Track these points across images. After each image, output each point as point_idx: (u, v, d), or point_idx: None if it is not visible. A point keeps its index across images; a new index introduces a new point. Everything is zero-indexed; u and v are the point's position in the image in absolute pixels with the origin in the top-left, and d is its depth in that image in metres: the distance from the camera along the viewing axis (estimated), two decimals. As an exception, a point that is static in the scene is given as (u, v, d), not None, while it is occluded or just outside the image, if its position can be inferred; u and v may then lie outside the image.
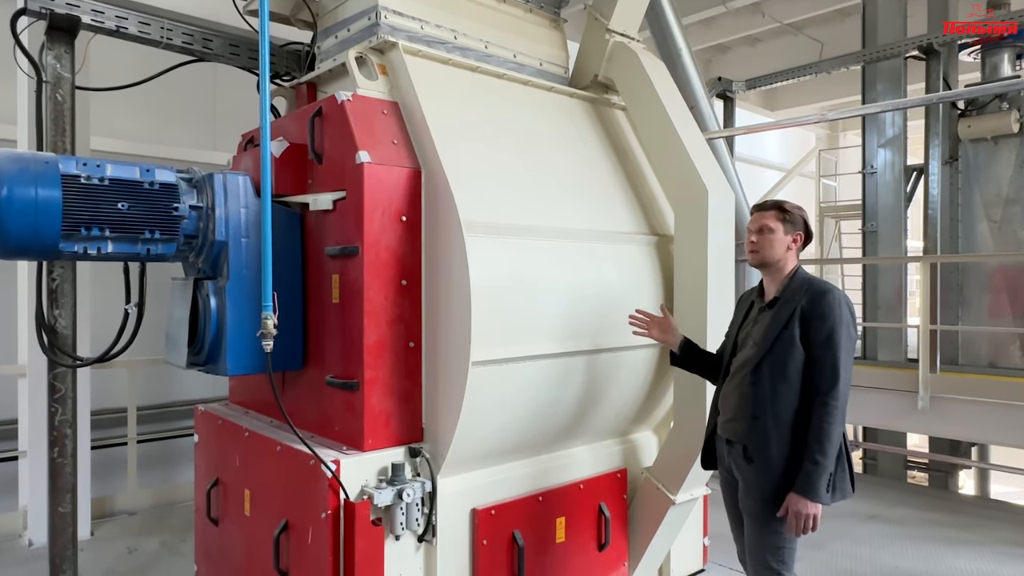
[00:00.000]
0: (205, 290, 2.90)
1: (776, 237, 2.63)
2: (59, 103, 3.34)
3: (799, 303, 2.54)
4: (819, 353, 2.47)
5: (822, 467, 2.40)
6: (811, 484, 2.41)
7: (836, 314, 2.48)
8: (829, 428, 2.41)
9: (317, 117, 2.99)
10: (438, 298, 2.87)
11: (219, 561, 3.48)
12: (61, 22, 3.26)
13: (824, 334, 2.47)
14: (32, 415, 4.65)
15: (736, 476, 2.67)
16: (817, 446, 2.41)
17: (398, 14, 3.23)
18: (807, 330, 2.50)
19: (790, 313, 2.54)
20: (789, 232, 2.66)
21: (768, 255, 2.65)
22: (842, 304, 2.51)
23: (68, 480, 3.43)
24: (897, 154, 7.11)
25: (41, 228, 2.50)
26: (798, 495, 2.43)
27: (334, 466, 2.61)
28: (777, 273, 2.67)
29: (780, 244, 2.64)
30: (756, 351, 2.58)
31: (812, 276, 2.67)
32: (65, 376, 3.42)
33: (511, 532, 3.05)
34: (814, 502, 2.41)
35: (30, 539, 4.66)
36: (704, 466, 2.89)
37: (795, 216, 2.67)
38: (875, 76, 7.10)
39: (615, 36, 3.80)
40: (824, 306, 2.49)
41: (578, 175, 3.47)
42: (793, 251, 2.67)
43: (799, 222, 2.68)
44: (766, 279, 2.72)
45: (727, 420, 2.69)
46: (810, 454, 2.42)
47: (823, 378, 2.45)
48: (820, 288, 2.56)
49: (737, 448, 2.62)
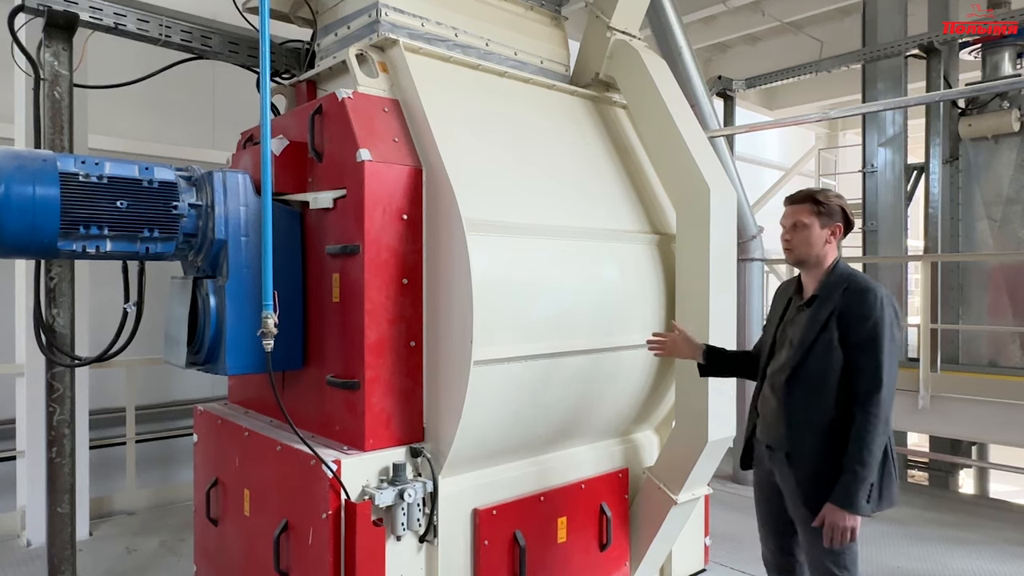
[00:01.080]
0: (204, 289, 2.88)
1: (812, 233, 2.47)
2: (57, 101, 3.32)
3: (838, 302, 2.38)
4: (859, 356, 2.32)
5: (861, 478, 2.27)
6: (849, 495, 2.27)
7: (878, 313, 2.32)
8: (869, 437, 2.27)
9: (317, 115, 2.97)
10: (439, 297, 2.85)
11: (218, 561, 3.46)
12: (59, 19, 3.23)
13: (864, 336, 2.32)
14: (30, 414, 4.63)
15: (779, 482, 2.55)
16: (857, 456, 2.27)
17: (399, 11, 3.21)
18: (846, 331, 2.35)
19: (828, 314, 2.38)
20: (826, 225, 2.48)
21: (804, 252, 2.49)
22: (884, 303, 2.35)
23: (66, 480, 3.41)
24: (897, 153, 7.10)
25: (39, 226, 2.48)
26: (835, 506, 2.30)
27: (335, 466, 2.60)
28: (815, 269, 2.51)
29: (817, 240, 2.47)
30: (792, 355, 2.44)
31: (853, 271, 2.50)
32: (63, 375, 3.40)
33: (512, 532, 3.03)
34: (852, 514, 2.28)
35: (28, 539, 4.63)
36: (743, 466, 2.76)
37: (831, 206, 2.48)
38: (875, 75, 7.09)
39: (616, 34, 3.78)
40: (865, 305, 2.33)
41: (579, 173, 3.45)
42: (832, 244, 2.49)
43: (836, 212, 2.49)
44: (804, 275, 2.57)
45: (766, 425, 2.57)
46: (849, 464, 2.28)
47: (864, 383, 2.30)
48: (861, 286, 2.39)
49: (780, 454, 2.49)
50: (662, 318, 3.51)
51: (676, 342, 2.83)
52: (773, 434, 2.52)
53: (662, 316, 3.51)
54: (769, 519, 2.70)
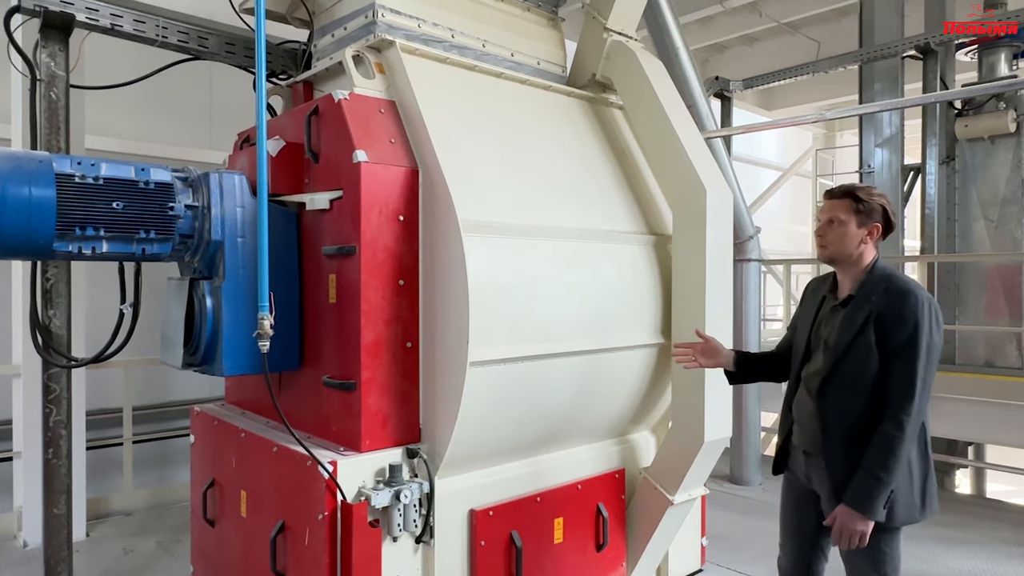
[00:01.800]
0: (201, 290, 2.88)
1: (848, 231, 2.36)
2: (53, 101, 3.32)
3: (876, 303, 2.28)
4: (895, 361, 2.23)
5: (883, 484, 2.20)
6: (868, 498, 2.20)
7: (917, 318, 2.21)
8: (896, 445, 2.19)
9: (314, 116, 2.97)
10: (436, 298, 2.85)
11: (215, 562, 3.46)
12: (55, 20, 3.23)
13: (901, 341, 2.22)
14: (27, 415, 4.62)
15: (816, 487, 2.48)
16: (881, 461, 2.19)
17: (395, 12, 3.21)
18: (883, 334, 2.25)
19: (865, 316, 2.28)
20: (864, 224, 2.36)
21: (838, 251, 2.38)
22: (925, 307, 2.24)
23: (63, 481, 3.41)
24: (894, 154, 7.11)
25: (35, 227, 2.48)
26: (850, 508, 2.23)
27: (331, 467, 2.60)
28: (852, 268, 2.40)
29: (852, 239, 2.36)
30: (828, 358, 2.36)
31: (893, 271, 2.38)
32: (60, 376, 3.40)
33: (509, 533, 3.04)
34: (867, 518, 2.21)
35: (25, 540, 4.63)
36: (774, 471, 2.68)
37: (871, 204, 2.36)
38: (872, 76, 7.10)
39: (613, 35, 3.79)
40: (904, 309, 2.23)
41: (576, 174, 3.46)
42: (869, 244, 2.38)
43: (876, 211, 2.36)
44: (840, 273, 2.47)
45: (802, 430, 2.49)
46: (871, 468, 2.21)
47: (896, 390, 2.22)
48: (901, 288, 2.27)
49: (817, 460, 2.42)
50: (659, 319, 3.52)
51: (704, 352, 2.70)
52: (809, 439, 2.44)
53: (659, 317, 3.52)
54: (794, 528, 2.62)
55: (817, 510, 2.50)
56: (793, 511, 2.62)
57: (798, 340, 2.59)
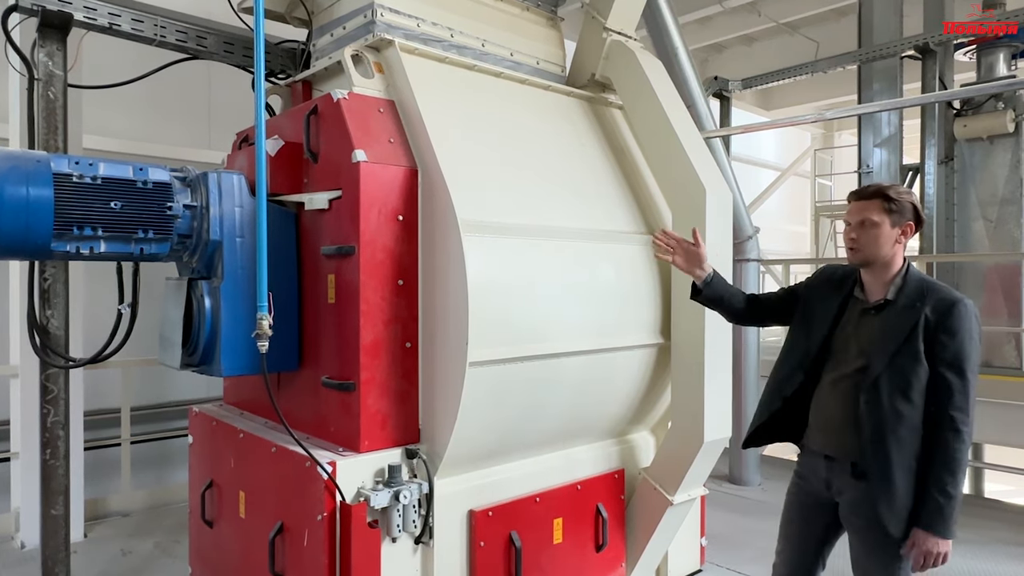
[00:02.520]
0: (199, 290, 2.87)
1: (882, 232, 2.28)
2: (51, 101, 3.31)
3: (922, 312, 2.22)
4: (948, 373, 2.18)
5: (955, 500, 2.14)
6: (944, 520, 2.14)
7: (967, 327, 2.19)
8: (963, 459, 2.15)
9: (313, 115, 2.96)
10: (435, 298, 2.85)
11: (213, 563, 3.45)
12: (53, 19, 3.22)
13: (954, 351, 2.18)
14: (24, 416, 4.61)
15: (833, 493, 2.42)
16: (949, 477, 2.14)
17: (394, 12, 3.21)
18: (933, 344, 2.20)
19: (912, 323, 2.22)
20: (897, 224, 2.28)
21: (872, 253, 2.30)
22: (972, 317, 2.21)
23: (61, 482, 3.40)
24: (893, 154, 7.12)
25: (32, 227, 2.47)
26: (928, 532, 2.16)
27: (330, 468, 2.59)
28: (882, 271, 2.33)
29: (887, 240, 2.28)
30: (871, 363, 2.28)
31: (927, 277, 2.35)
32: (57, 377, 3.39)
33: (508, 533, 3.03)
34: (945, 539, 2.16)
35: (22, 541, 4.61)
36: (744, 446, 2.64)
37: (903, 203, 2.29)
38: (871, 76, 7.11)
39: (612, 35, 3.78)
40: (955, 319, 2.19)
41: (575, 174, 3.45)
42: (901, 245, 2.32)
43: (908, 209, 2.29)
44: (867, 276, 2.38)
45: (826, 434, 2.41)
46: (940, 486, 2.15)
47: (954, 400, 2.16)
48: (948, 297, 2.23)
49: (842, 464, 2.34)
50: (658, 319, 3.51)
51: (688, 253, 2.60)
52: (836, 444, 2.37)
53: (658, 317, 3.51)
54: (799, 535, 2.56)
55: (828, 518, 2.45)
56: (800, 518, 2.55)
57: (806, 331, 2.49)
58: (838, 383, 2.38)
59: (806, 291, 2.60)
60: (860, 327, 2.37)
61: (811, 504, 2.50)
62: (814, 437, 2.46)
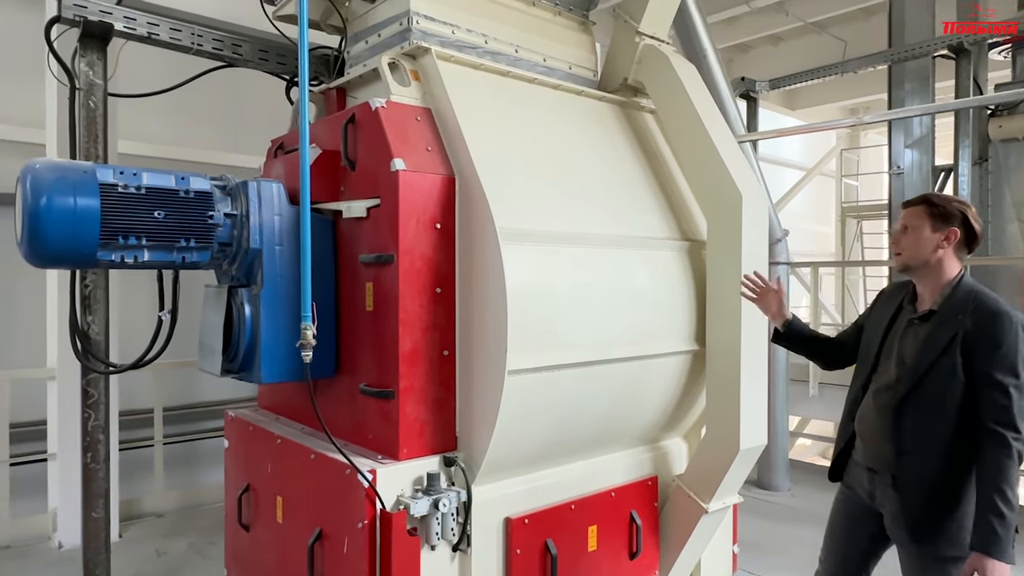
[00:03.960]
0: (239, 298, 2.90)
1: (921, 235, 2.29)
2: (92, 110, 3.36)
3: (963, 324, 2.18)
4: (991, 387, 2.13)
5: (1010, 521, 2.07)
6: (1000, 542, 2.07)
7: (1011, 340, 2.14)
8: (1012, 474, 2.09)
9: (351, 124, 2.97)
10: (472, 306, 2.85)
11: (250, 566, 3.49)
12: (94, 29, 3.27)
13: (997, 365, 2.13)
14: (62, 418, 4.69)
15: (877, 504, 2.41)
16: (1003, 499, 2.07)
17: (430, 19, 3.21)
18: (972, 357, 2.16)
19: (951, 335, 2.19)
20: (939, 228, 2.28)
21: (911, 256, 2.31)
22: (1018, 327, 2.16)
23: (101, 485, 3.45)
24: (925, 154, 7.00)
25: (79, 237, 2.51)
26: (984, 555, 2.09)
27: (371, 476, 2.60)
28: (931, 278, 2.31)
29: (926, 244, 2.28)
30: (907, 375, 2.27)
31: (980, 287, 2.30)
32: (98, 382, 3.45)
33: (544, 541, 3.02)
34: (1004, 562, 2.08)
35: (60, 541, 4.70)
36: (831, 478, 2.64)
37: (948, 208, 2.28)
38: (902, 75, 6.99)
39: (645, 39, 3.76)
40: (998, 330, 2.14)
41: (609, 180, 3.44)
42: (948, 251, 2.29)
43: (954, 216, 2.28)
44: (919, 284, 2.37)
45: (868, 446, 2.41)
46: (994, 506, 2.08)
47: (1000, 415, 2.11)
48: (991, 308, 2.18)
49: (884, 477, 2.34)
50: (693, 326, 3.49)
51: (769, 296, 2.75)
52: (876, 456, 2.37)
53: (693, 324, 3.49)
54: (842, 545, 2.55)
55: (874, 530, 2.44)
56: (843, 528, 2.55)
57: (866, 348, 2.49)
58: (879, 394, 2.38)
59: (868, 314, 2.63)
60: (904, 337, 2.36)
61: (856, 515, 2.49)
62: (859, 448, 2.47)
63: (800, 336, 2.73)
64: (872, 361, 2.44)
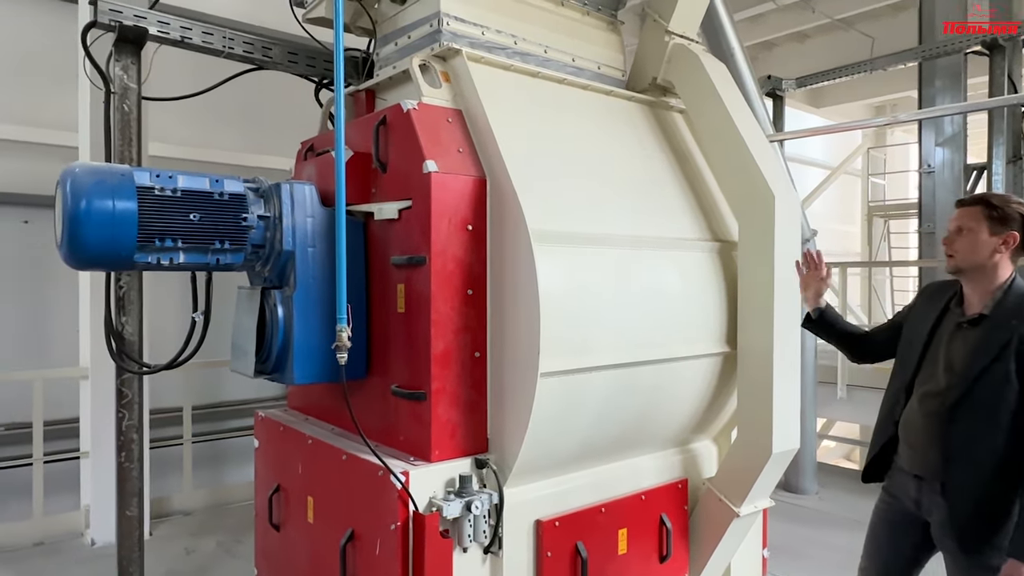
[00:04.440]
0: (272, 299, 2.92)
1: (978, 239, 2.21)
2: (126, 113, 3.40)
3: (1017, 330, 2.12)
4: None
5: None
6: None
7: None
8: None
9: (382, 126, 2.98)
10: (504, 308, 2.84)
11: (280, 566, 3.51)
12: (129, 34, 3.31)
13: None
14: (95, 416, 4.76)
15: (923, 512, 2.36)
16: None
17: (460, 20, 3.21)
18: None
19: (1004, 341, 2.13)
20: (997, 232, 2.21)
21: (967, 260, 2.24)
22: None
23: (135, 484, 3.50)
24: (956, 152, 6.87)
25: (118, 240, 2.54)
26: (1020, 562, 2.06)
27: (403, 477, 2.60)
28: (983, 282, 2.25)
29: (983, 247, 2.21)
30: (957, 382, 2.22)
31: None
32: (132, 382, 3.49)
33: (575, 544, 3.01)
34: None
35: (92, 538, 4.76)
36: (865, 479, 2.59)
37: (1007, 211, 2.21)
38: (933, 72, 6.86)
39: (675, 38, 3.72)
40: None
41: (639, 180, 3.42)
42: (1004, 256, 2.22)
43: (1014, 219, 2.21)
44: (967, 287, 2.31)
45: (913, 453, 2.36)
46: None
47: None
48: None
49: (932, 484, 2.30)
50: (724, 327, 3.45)
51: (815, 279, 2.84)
52: (922, 463, 2.32)
53: (724, 325, 3.45)
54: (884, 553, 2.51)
55: (917, 538, 2.39)
56: (886, 535, 2.50)
57: (908, 350, 2.44)
58: (925, 400, 2.32)
59: (908, 313, 2.57)
60: (952, 342, 2.29)
61: (900, 523, 2.45)
62: (903, 455, 2.41)
63: (832, 325, 2.75)
64: (915, 364, 2.38)
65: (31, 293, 6.31)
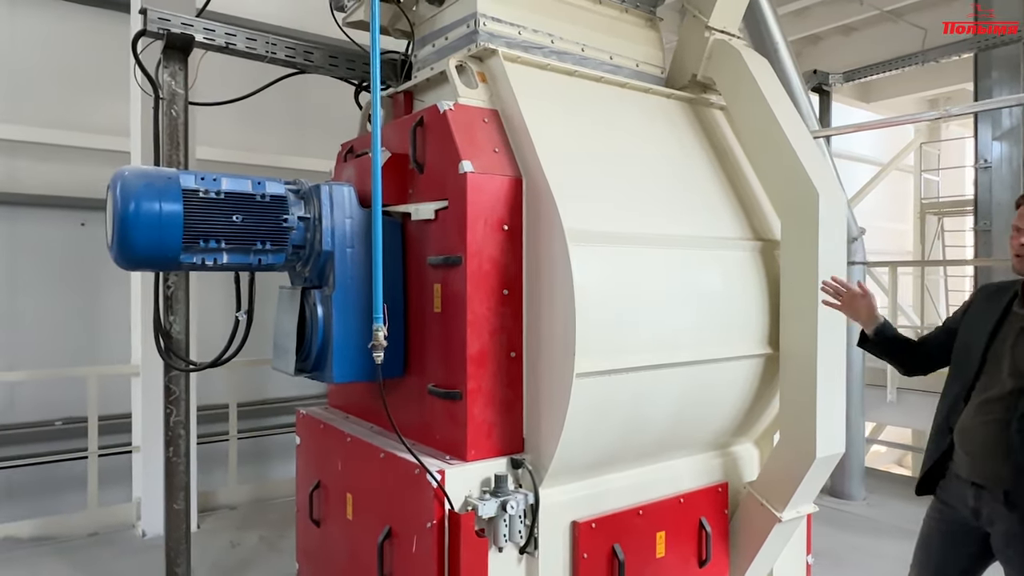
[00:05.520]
0: (312, 299, 2.97)
1: None
2: (174, 119, 3.51)
3: None
4: None
5: None
6: None
7: None
8: None
9: (419, 127, 3.00)
10: (540, 308, 2.83)
11: (321, 562, 3.57)
12: (177, 41, 3.41)
13: None
14: (146, 412, 4.92)
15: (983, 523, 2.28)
16: None
17: (496, 20, 3.21)
18: None
19: None
20: None
21: None
22: None
23: (182, 478, 3.60)
24: (1015, 147, 6.58)
25: (164, 241, 2.62)
26: None
27: (439, 476, 2.62)
28: None
29: None
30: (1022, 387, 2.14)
31: None
32: (179, 379, 3.60)
33: (611, 546, 2.98)
34: None
35: (143, 530, 4.93)
36: (919, 491, 2.51)
37: None
38: (989, 64, 6.60)
39: (715, 34, 3.66)
40: None
41: (678, 179, 3.37)
42: None
43: None
44: None
45: (973, 461, 2.27)
46: None
47: None
48: None
49: (994, 493, 2.21)
50: (766, 329, 3.37)
51: (856, 301, 2.61)
52: (983, 471, 2.23)
53: (765, 326, 3.37)
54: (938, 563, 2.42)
55: (974, 549, 2.30)
56: (940, 545, 2.41)
57: (965, 353, 2.35)
58: (987, 405, 2.21)
59: (963, 316, 2.46)
60: (1017, 345, 2.19)
61: (955, 532, 2.35)
62: (960, 462, 2.31)
63: (890, 344, 2.59)
64: (975, 368, 2.28)
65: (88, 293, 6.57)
